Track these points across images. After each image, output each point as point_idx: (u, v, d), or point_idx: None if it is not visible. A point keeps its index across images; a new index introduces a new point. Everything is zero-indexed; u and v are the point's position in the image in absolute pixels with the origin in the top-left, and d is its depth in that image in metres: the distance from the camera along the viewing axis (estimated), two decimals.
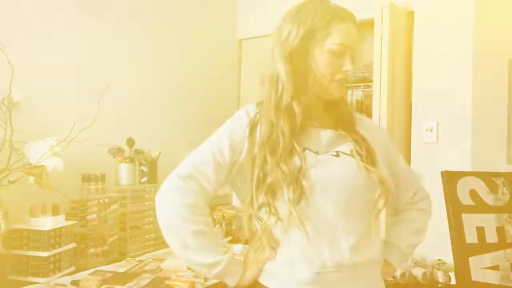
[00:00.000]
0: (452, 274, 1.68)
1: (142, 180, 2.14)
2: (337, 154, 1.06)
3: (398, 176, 1.20)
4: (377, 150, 1.11)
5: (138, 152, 2.16)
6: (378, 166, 1.07)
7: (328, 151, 1.06)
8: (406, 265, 1.73)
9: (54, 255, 1.62)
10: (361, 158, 1.05)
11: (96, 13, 2.22)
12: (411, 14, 2.50)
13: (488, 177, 1.46)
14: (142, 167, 2.15)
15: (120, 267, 1.74)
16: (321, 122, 1.10)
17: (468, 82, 2.25)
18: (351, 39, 1.06)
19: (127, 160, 2.09)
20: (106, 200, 1.88)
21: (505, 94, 2.33)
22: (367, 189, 1.05)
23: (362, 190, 1.05)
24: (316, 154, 1.04)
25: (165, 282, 1.56)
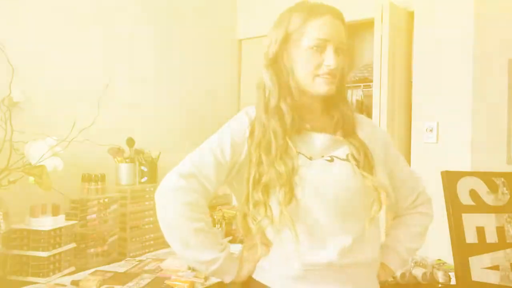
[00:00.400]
0: (452, 274, 1.68)
1: (142, 180, 2.14)
2: (331, 159, 1.07)
3: (399, 180, 1.19)
4: (376, 155, 1.10)
5: (138, 152, 2.16)
6: (376, 171, 1.07)
7: (323, 156, 1.07)
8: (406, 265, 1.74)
9: (54, 255, 1.61)
10: (357, 163, 1.06)
11: (96, 13, 2.22)
12: (411, 14, 2.50)
13: (488, 177, 1.46)
14: (142, 167, 2.15)
15: (120, 267, 1.74)
16: (319, 124, 1.11)
17: (468, 82, 2.25)
18: (330, 33, 1.04)
19: (127, 160, 2.09)
20: (106, 200, 1.88)
21: (505, 94, 2.33)
22: (361, 194, 1.05)
23: (355, 196, 1.05)
24: (309, 159, 1.05)
25: (165, 282, 1.56)
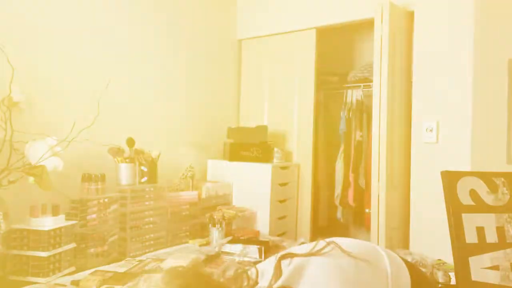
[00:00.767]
0: (452, 274, 1.68)
1: (142, 180, 2.14)
2: None
3: None
4: None
5: (138, 152, 2.16)
6: None
7: None
8: None
9: (54, 255, 1.62)
10: None
11: (96, 13, 2.22)
12: (411, 14, 2.50)
13: (488, 177, 1.46)
14: (142, 167, 2.15)
15: (120, 267, 1.74)
16: None
17: (468, 82, 2.25)
18: None
19: (127, 160, 2.09)
20: (106, 200, 1.88)
21: (505, 94, 2.33)
22: None
23: None
24: None
25: None
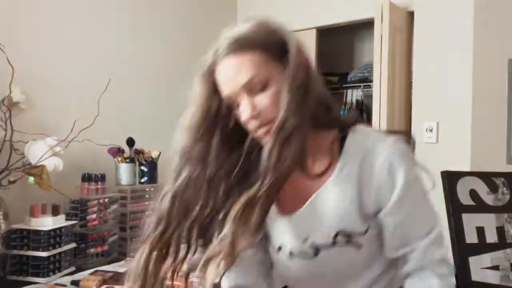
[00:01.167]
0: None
1: (142, 180, 2.14)
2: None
3: (390, 231, 0.92)
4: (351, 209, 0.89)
5: (138, 152, 2.16)
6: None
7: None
8: None
9: (54, 255, 1.62)
10: None
11: (96, 13, 2.22)
12: (411, 14, 2.50)
13: (488, 177, 1.45)
14: (142, 167, 2.15)
15: (120, 267, 1.74)
16: None
17: (468, 82, 2.25)
18: (233, 84, 0.84)
19: (127, 160, 2.09)
20: (106, 200, 1.88)
21: (505, 94, 2.33)
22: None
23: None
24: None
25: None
